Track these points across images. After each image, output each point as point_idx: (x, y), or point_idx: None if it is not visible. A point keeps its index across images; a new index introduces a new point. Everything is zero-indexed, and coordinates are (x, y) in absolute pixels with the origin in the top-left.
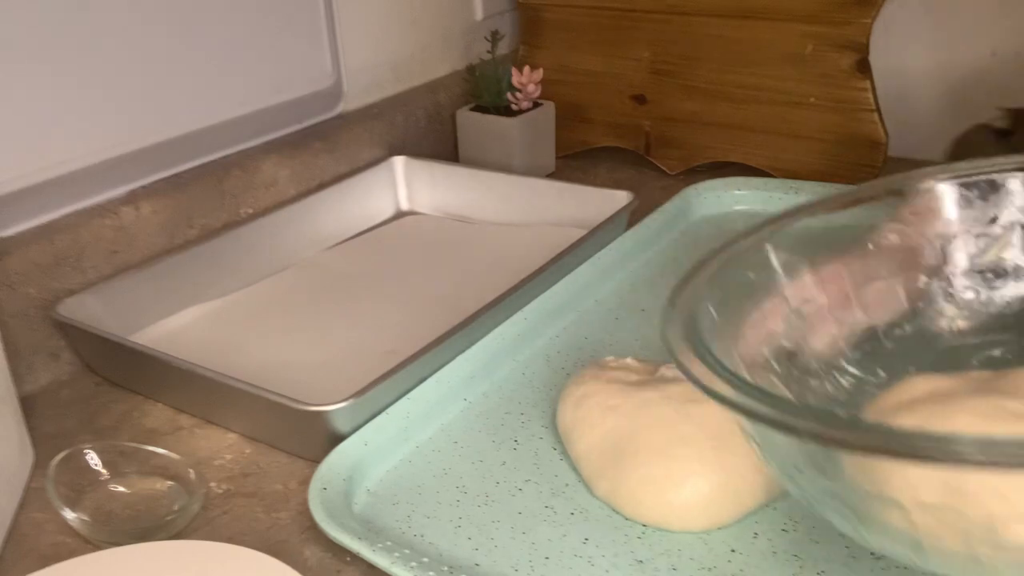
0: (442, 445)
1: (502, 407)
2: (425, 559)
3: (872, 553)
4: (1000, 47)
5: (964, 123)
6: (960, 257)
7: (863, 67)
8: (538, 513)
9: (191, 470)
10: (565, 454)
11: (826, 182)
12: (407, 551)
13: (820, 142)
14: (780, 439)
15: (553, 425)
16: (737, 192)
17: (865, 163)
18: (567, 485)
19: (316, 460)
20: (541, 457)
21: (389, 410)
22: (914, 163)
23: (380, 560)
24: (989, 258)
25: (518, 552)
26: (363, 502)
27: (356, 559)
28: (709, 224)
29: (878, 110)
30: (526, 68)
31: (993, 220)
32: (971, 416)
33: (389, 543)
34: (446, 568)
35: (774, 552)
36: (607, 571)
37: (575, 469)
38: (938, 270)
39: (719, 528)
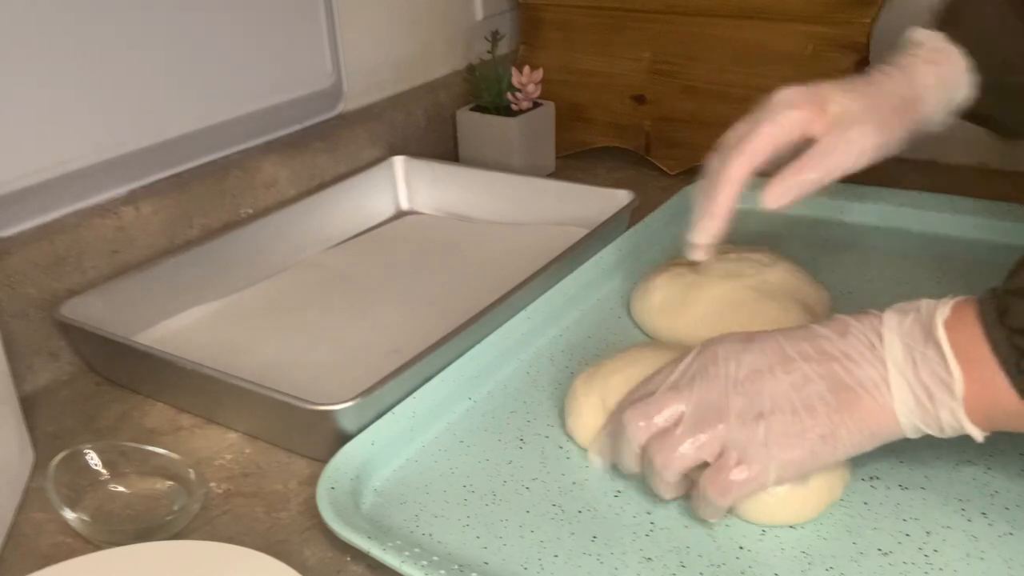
0: (448, 444)
1: (507, 406)
2: (435, 558)
3: (879, 549)
4: None
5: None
6: None
7: (863, 67)
8: (546, 511)
9: (191, 470)
10: (571, 452)
11: None
12: (416, 550)
13: None
14: None
15: (559, 423)
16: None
17: None
18: (574, 483)
19: (320, 459)
20: (547, 455)
21: (395, 409)
22: (914, 163)
23: (390, 560)
24: None
25: (527, 550)
26: (371, 502)
27: (356, 559)
28: None
29: None
30: (526, 68)
31: None
32: None
33: (399, 542)
34: (456, 567)
35: (782, 549)
36: (616, 568)
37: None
38: None
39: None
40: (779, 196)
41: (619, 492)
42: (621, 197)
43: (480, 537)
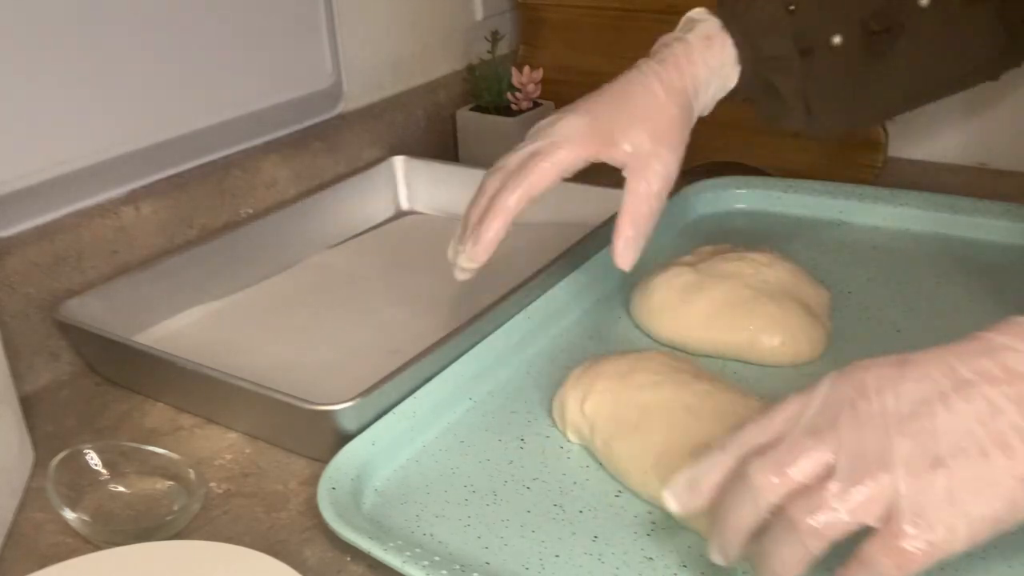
0: (449, 444)
1: (507, 406)
2: (436, 558)
3: None
4: None
5: (964, 123)
6: None
7: None
8: (547, 511)
9: (191, 470)
10: (572, 452)
11: (826, 181)
12: (418, 550)
13: (820, 142)
14: None
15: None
16: (737, 191)
17: (865, 163)
18: (575, 483)
19: (320, 459)
20: (548, 455)
21: (395, 409)
22: (914, 163)
23: (392, 560)
24: None
25: (528, 550)
26: (371, 502)
27: (357, 559)
28: (709, 223)
29: None
30: (526, 68)
31: None
32: None
33: (400, 542)
34: (458, 567)
35: None
36: (617, 568)
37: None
38: None
39: None
40: (627, 258)
41: (620, 492)
42: (621, 197)
43: (481, 537)
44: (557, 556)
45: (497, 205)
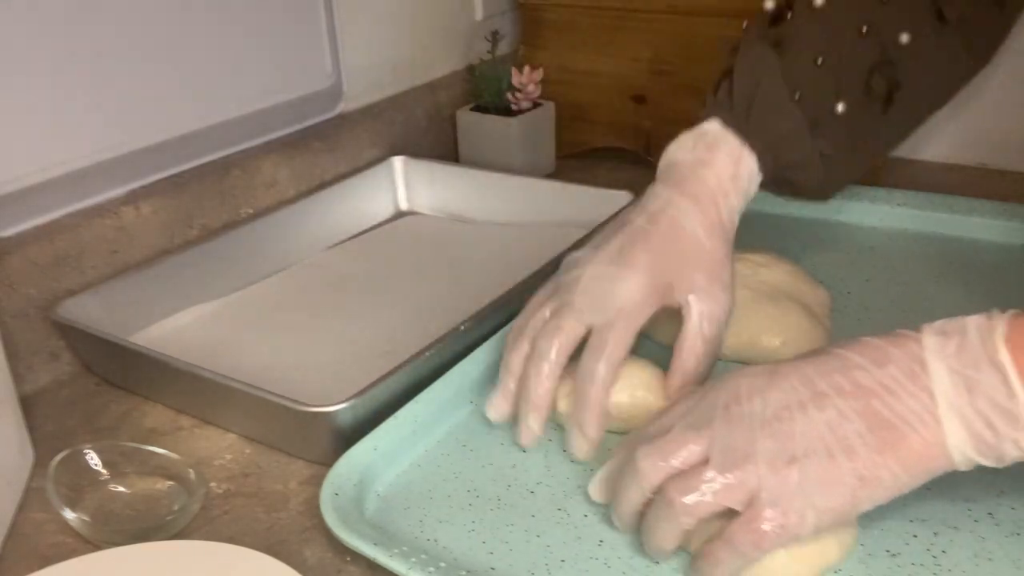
0: (451, 448)
1: None
2: (442, 563)
3: (887, 550)
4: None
5: (964, 123)
6: None
7: None
8: (551, 515)
9: (191, 470)
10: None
11: None
12: (423, 556)
13: None
14: None
15: (561, 426)
16: None
17: None
18: (579, 487)
19: (318, 461)
20: (551, 459)
21: (397, 414)
22: (913, 163)
23: (396, 566)
24: None
25: (533, 555)
26: (374, 507)
27: (356, 559)
28: None
29: None
30: (526, 68)
31: None
32: None
33: (405, 548)
34: (464, 572)
35: None
36: (623, 573)
37: None
38: None
39: None
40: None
41: None
42: (621, 198)
43: (486, 542)
44: (563, 561)
45: (596, 398)
